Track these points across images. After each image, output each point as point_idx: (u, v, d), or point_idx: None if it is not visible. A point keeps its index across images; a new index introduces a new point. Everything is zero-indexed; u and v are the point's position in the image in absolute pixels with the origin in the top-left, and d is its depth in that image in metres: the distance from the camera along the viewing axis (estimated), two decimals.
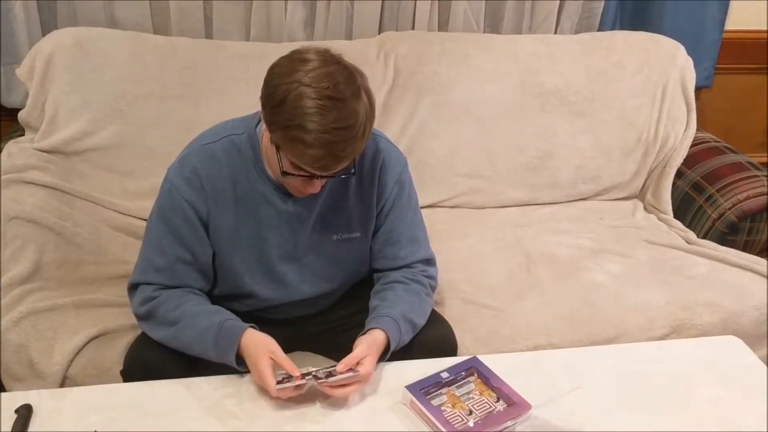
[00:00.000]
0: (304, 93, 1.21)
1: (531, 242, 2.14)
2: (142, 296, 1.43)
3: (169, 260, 1.42)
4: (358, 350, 1.33)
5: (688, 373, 1.45)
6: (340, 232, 1.50)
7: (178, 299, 1.41)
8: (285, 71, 1.25)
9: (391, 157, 1.52)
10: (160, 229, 1.43)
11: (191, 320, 1.38)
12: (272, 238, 1.46)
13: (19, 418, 1.22)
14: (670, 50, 2.44)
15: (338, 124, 1.22)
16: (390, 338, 1.38)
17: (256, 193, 1.43)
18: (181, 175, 1.40)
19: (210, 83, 2.12)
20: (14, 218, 1.75)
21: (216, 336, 1.34)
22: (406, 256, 1.54)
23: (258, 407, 1.30)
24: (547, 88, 2.33)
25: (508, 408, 1.30)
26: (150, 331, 1.42)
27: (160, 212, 1.43)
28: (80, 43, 2.04)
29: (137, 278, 1.45)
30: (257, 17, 2.31)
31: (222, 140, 1.42)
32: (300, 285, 1.52)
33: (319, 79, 1.22)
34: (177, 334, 1.38)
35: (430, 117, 2.27)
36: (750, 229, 2.15)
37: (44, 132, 2.01)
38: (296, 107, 1.21)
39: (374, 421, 1.29)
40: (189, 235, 1.42)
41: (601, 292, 1.92)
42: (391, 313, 1.42)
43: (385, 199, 1.52)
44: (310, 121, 1.21)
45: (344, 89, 1.24)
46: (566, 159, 2.35)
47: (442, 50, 2.30)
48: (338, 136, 1.23)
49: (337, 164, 1.28)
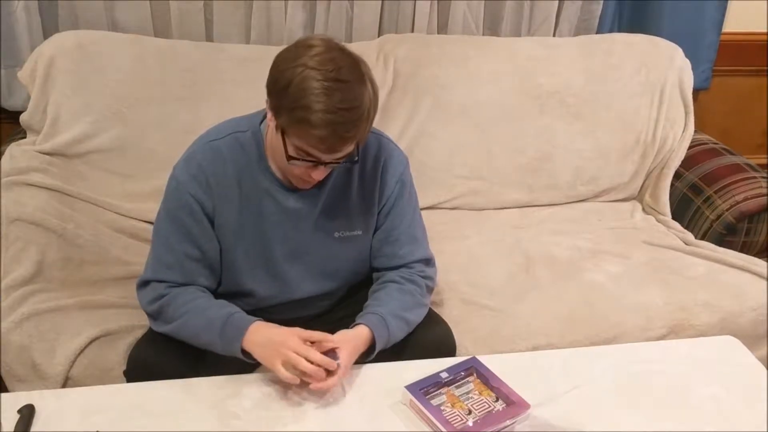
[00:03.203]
0: (310, 75, 1.24)
1: (530, 243, 2.15)
2: (152, 294, 1.44)
3: (178, 257, 1.43)
4: (334, 337, 1.35)
5: (686, 374, 1.46)
6: (341, 229, 1.51)
7: (188, 296, 1.42)
8: (290, 56, 1.29)
9: (394, 156, 1.54)
10: (168, 227, 1.44)
11: (200, 312, 1.39)
12: (275, 235, 1.47)
13: (21, 419, 1.23)
14: (669, 52, 2.45)
15: (343, 105, 1.25)
16: (375, 335, 1.39)
17: (259, 189, 1.45)
18: (187, 172, 1.42)
19: (210, 86, 2.13)
20: (16, 220, 1.76)
21: (223, 325, 1.36)
22: (405, 255, 1.55)
23: (259, 408, 1.31)
24: (545, 90, 2.34)
25: (507, 408, 1.31)
26: (158, 327, 1.44)
27: (167, 210, 1.45)
28: (81, 46, 2.05)
29: (148, 275, 1.46)
30: (257, 20, 2.32)
31: (227, 137, 1.44)
32: (301, 283, 1.53)
33: (324, 63, 1.26)
34: (185, 324, 1.39)
35: (430, 119, 2.27)
36: (748, 230, 2.16)
37: (46, 134, 2.02)
38: (302, 89, 1.24)
39: (374, 421, 1.29)
40: (197, 231, 1.43)
41: (600, 292, 1.92)
42: (377, 311, 1.43)
43: (387, 197, 1.53)
44: (316, 101, 1.23)
45: (349, 73, 1.27)
46: (565, 160, 2.36)
47: (442, 52, 2.31)
48: (343, 117, 1.25)
49: (343, 146, 1.30)
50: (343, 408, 1.32)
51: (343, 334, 1.39)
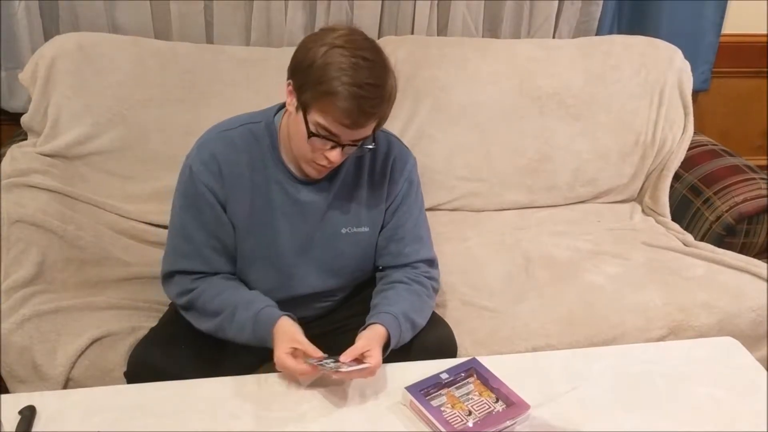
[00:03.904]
0: (337, 52, 1.29)
1: (529, 244, 2.15)
2: (179, 287, 1.46)
3: (195, 246, 1.45)
4: (359, 343, 1.35)
5: (685, 374, 1.46)
6: (349, 225, 1.53)
7: (215, 289, 1.45)
8: (315, 38, 1.33)
9: (403, 155, 1.58)
10: (183, 216, 1.46)
11: (229, 315, 1.41)
12: (284, 228, 1.49)
13: (22, 420, 1.23)
14: (668, 54, 2.45)
15: (370, 80, 1.29)
16: (390, 334, 1.40)
17: (271, 180, 1.46)
18: (200, 160, 1.43)
19: (211, 87, 2.13)
20: (17, 221, 1.76)
21: (253, 328, 1.39)
22: (410, 253, 1.56)
23: (259, 408, 1.31)
24: (545, 92, 2.34)
25: (507, 408, 1.31)
26: (194, 321, 1.47)
27: (182, 199, 1.46)
28: (82, 48, 2.06)
29: (169, 267, 1.48)
30: (257, 22, 2.33)
31: (240, 128, 1.47)
32: (305, 278, 1.54)
33: (350, 42, 1.31)
34: (218, 328, 1.43)
35: (429, 121, 2.28)
36: (747, 232, 2.16)
37: (47, 136, 2.02)
38: (329, 63, 1.28)
39: (374, 422, 1.30)
40: (212, 220, 1.45)
41: (599, 293, 1.93)
42: (392, 310, 1.44)
43: (395, 194, 1.55)
44: (344, 74, 1.27)
45: (374, 54, 1.32)
46: (564, 162, 2.36)
47: (441, 54, 2.31)
48: (369, 92, 1.29)
49: (366, 121, 1.32)
50: (343, 409, 1.32)
51: (367, 337, 1.38)
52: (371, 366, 1.31)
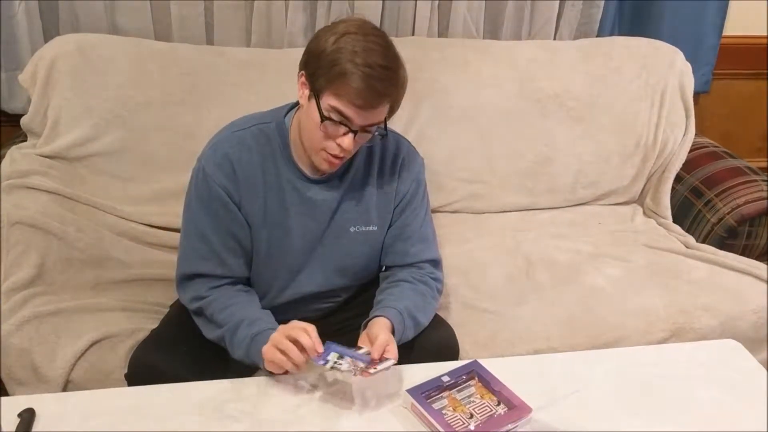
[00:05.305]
0: (349, 37, 1.32)
1: (531, 247, 2.15)
2: (195, 292, 1.47)
3: (212, 246, 1.45)
4: (381, 337, 1.34)
5: (687, 377, 1.46)
6: (357, 224, 1.53)
7: (227, 300, 1.45)
8: (327, 29, 1.37)
9: (411, 155, 1.60)
10: (199, 217, 1.46)
11: (233, 328, 1.41)
12: (295, 227, 1.49)
13: (21, 422, 1.23)
14: (669, 55, 2.45)
15: (383, 62, 1.31)
16: (395, 329, 1.41)
17: (282, 179, 1.47)
18: (213, 162, 1.44)
19: (211, 89, 2.13)
20: (17, 223, 1.76)
21: (247, 349, 1.39)
22: (415, 253, 1.57)
23: (259, 411, 1.31)
24: (546, 94, 2.34)
25: (509, 411, 1.31)
26: (201, 328, 1.47)
27: (197, 200, 1.46)
28: (82, 50, 2.05)
29: (186, 270, 1.48)
30: (258, 23, 2.33)
31: (251, 128, 1.47)
32: (312, 276, 1.54)
33: (361, 28, 1.35)
34: (220, 340, 1.44)
35: (430, 123, 2.27)
36: (749, 234, 2.16)
37: (46, 138, 2.01)
38: (341, 47, 1.31)
39: (376, 424, 1.29)
40: (228, 220, 1.45)
41: (601, 296, 1.92)
42: (396, 306, 1.44)
43: (403, 194, 1.56)
44: (356, 56, 1.30)
45: (385, 41, 1.36)
46: (565, 164, 2.36)
47: (442, 56, 2.31)
48: (381, 73, 1.31)
49: (378, 103, 1.33)
50: (344, 411, 1.32)
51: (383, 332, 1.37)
52: (395, 360, 1.32)
